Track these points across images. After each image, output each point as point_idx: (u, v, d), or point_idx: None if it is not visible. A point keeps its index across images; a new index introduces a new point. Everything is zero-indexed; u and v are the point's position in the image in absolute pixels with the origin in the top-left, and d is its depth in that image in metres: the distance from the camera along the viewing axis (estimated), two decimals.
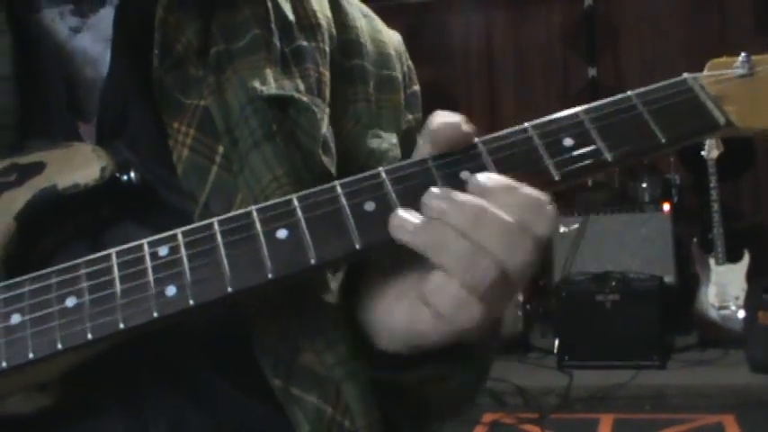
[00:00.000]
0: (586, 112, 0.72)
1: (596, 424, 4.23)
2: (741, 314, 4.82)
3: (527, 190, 0.67)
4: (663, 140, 0.71)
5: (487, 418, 4.30)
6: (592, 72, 6.07)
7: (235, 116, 0.79)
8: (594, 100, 0.74)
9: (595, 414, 4.35)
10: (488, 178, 0.67)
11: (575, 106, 0.74)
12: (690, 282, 5.14)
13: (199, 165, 0.77)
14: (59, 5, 0.81)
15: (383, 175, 0.69)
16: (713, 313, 4.94)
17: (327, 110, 0.84)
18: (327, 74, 0.86)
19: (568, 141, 0.70)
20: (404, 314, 0.70)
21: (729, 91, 0.74)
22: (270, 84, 0.81)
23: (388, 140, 0.88)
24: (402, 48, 0.97)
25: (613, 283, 4.94)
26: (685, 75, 0.74)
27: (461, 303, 0.65)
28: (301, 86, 0.83)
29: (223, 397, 0.77)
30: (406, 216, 0.66)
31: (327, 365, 0.76)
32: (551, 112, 0.73)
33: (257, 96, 0.79)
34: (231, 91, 0.79)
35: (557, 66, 6.20)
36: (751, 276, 4.93)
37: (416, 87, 0.97)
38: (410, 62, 0.98)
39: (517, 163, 0.69)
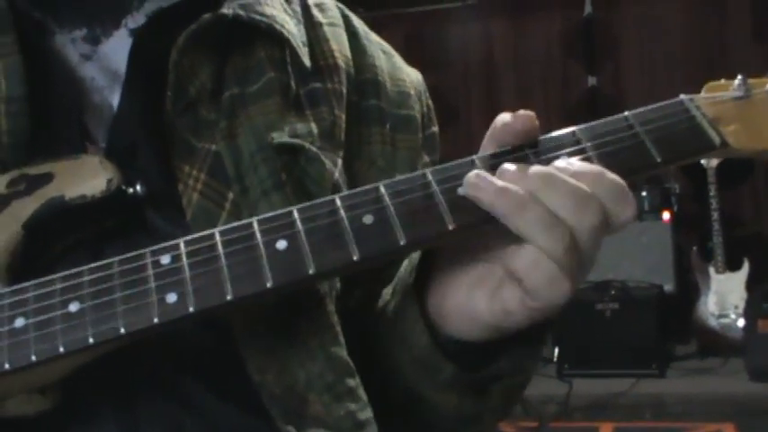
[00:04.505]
0: (583, 131, 0.73)
1: None
2: (741, 323, 4.81)
3: (612, 175, 0.70)
4: (659, 160, 0.73)
5: None
6: (592, 81, 6.07)
7: (245, 163, 0.79)
8: (594, 109, 0.75)
9: (595, 422, 4.35)
10: (573, 162, 0.70)
11: (575, 114, 0.75)
12: (689, 290, 5.14)
13: (209, 210, 0.77)
14: (72, 31, 0.82)
15: (382, 189, 0.69)
16: (713, 322, 4.94)
17: (341, 153, 0.84)
18: (343, 116, 0.86)
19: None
20: (486, 296, 0.71)
21: (726, 113, 0.75)
22: (282, 130, 0.80)
23: None
24: (422, 87, 0.97)
25: (613, 292, 4.93)
26: (682, 96, 0.75)
27: (553, 278, 0.67)
28: (315, 130, 0.83)
29: (219, 411, 0.77)
30: (488, 176, 0.68)
31: (336, 417, 0.77)
32: (551, 121, 0.74)
33: (267, 144, 0.79)
34: (243, 137, 0.79)
35: (556, 74, 6.19)
36: (751, 285, 4.92)
37: (435, 129, 0.96)
38: (430, 101, 0.97)
39: None
